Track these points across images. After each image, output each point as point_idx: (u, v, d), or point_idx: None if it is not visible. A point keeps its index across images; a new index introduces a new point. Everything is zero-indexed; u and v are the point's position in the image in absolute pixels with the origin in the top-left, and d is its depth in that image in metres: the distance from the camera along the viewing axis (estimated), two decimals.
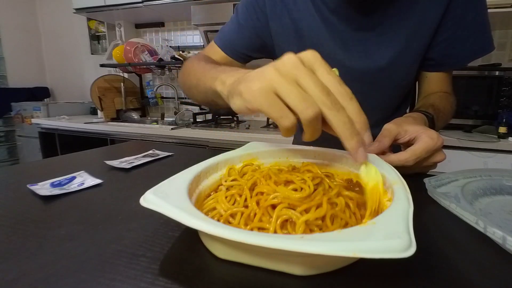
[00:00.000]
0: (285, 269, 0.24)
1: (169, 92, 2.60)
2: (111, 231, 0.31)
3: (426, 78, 0.73)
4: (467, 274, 0.25)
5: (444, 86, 0.72)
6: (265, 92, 0.30)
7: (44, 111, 2.42)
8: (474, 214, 0.33)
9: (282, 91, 0.29)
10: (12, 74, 2.88)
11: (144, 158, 0.62)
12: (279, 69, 0.30)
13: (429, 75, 0.73)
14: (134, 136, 1.91)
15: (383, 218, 0.24)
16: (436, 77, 0.72)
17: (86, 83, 2.76)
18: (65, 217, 0.35)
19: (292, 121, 0.30)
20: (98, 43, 2.83)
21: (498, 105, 1.47)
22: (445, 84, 0.72)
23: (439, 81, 0.72)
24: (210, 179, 0.36)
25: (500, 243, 0.29)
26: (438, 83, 0.72)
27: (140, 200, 0.25)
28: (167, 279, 0.23)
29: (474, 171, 0.46)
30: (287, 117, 0.30)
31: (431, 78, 0.72)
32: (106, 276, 0.24)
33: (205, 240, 0.28)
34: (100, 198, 0.41)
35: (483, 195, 0.41)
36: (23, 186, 0.44)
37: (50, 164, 0.61)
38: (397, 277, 0.24)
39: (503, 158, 1.31)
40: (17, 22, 2.91)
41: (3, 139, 2.85)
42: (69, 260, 0.26)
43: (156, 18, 2.46)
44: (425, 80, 0.74)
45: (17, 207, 0.37)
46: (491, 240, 0.30)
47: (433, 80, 0.72)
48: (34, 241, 0.29)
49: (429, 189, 0.42)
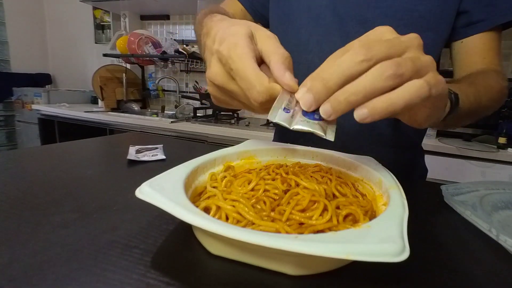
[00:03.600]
0: (277, 268, 0.24)
1: (170, 85, 2.59)
2: (106, 221, 0.31)
3: (459, 50, 0.56)
4: (475, 280, 0.25)
5: (486, 60, 0.53)
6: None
7: (45, 98, 2.41)
8: (488, 222, 0.33)
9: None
10: (15, 59, 2.87)
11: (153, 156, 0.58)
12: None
13: (462, 44, 0.55)
14: (133, 127, 1.90)
15: (378, 222, 0.24)
16: (472, 46, 0.54)
17: (88, 71, 2.75)
18: (61, 204, 0.35)
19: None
20: (102, 32, 2.82)
21: (499, 115, 1.47)
22: (489, 55, 0.53)
23: (478, 52, 0.53)
24: (207, 174, 0.36)
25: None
26: (476, 54, 0.53)
27: (136, 192, 0.25)
28: (158, 272, 0.23)
29: (498, 183, 0.45)
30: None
31: (466, 48, 0.55)
32: (98, 266, 0.24)
33: (199, 235, 0.28)
34: (96, 188, 0.41)
35: (505, 208, 0.39)
36: (20, 172, 0.44)
37: (47, 150, 0.61)
38: (390, 281, 0.24)
39: (502, 169, 1.31)
40: (22, 7, 2.89)
41: (3, 124, 2.84)
42: (62, 248, 0.26)
43: (161, 11, 2.45)
44: (458, 53, 0.56)
45: (13, 192, 0.37)
46: (504, 248, 0.30)
47: (470, 50, 0.54)
48: (28, 227, 0.29)
49: (446, 196, 0.42)
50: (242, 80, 0.29)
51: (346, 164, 0.42)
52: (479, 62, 0.54)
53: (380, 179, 0.35)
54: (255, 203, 0.29)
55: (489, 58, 0.53)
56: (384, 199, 0.31)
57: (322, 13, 0.58)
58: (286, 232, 0.25)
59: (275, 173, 0.36)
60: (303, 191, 0.30)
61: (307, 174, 0.35)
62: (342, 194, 0.32)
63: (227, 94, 0.33)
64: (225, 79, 0.31)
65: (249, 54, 0.29)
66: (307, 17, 0.60)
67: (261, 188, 0.31)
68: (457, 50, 0.57)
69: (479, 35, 0.54)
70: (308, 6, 0.60)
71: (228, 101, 0.34)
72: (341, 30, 0.57)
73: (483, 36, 0.54)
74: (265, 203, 0.28)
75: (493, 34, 0.54)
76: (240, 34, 0.30)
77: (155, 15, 2.57)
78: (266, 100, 0.28)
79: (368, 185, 0.37)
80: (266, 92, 0.28)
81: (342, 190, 0.33)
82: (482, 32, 0.53)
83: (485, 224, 0.33)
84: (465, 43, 0.55)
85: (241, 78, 0.29)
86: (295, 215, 0.27)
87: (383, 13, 0.54)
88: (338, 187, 0.33)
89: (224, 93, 0.33)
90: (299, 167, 0.39)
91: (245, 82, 0.28)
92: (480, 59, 0.54)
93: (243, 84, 0.29)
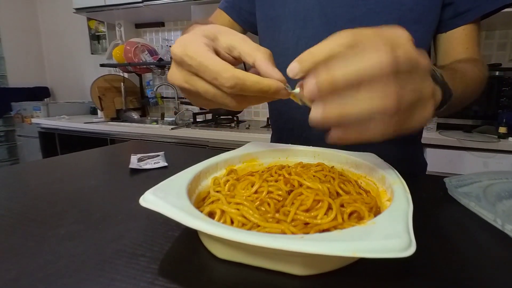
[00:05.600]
0: (284, 269, 0.24)
1: (169, 92, 2.60)
2: (111, 231, 0.31)
3: (443, 40, 0.57)
4: (484, 271, 0.25)
5: (469, 50, 0.54)
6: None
7: (44, 111, 2.42)
8: (492, 212, 0.33)
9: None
10: (12, 74, 2.88)
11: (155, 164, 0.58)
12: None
13: (446, 36, 0.56)
14: (134, 136, 1.90)
15: (383, 218, 0.24)
16: (456, 36, 0.55)
17: (86, 83, 2.76)
18: (65, 216, 0.35)
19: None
20: (98, 43, 2.83)
21: (498, 105, 1.47)
22: (470, 46, 0.54)
23: (461, 42, 0.54)
24: (209, 179, 0.36)
25: None
26: (460, 45, 0.55)
27: (140, 200, 0.25)
28: (166, 279, 0.23)
29: (500, 173, 0.45)
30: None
31: (450, 39, 0.56)
32: (106, 276, 0.24)
33: (205, 240, 0.28)
34: (100, 198, 0.41)
35: (509, 197, 0.39)
36: (23, 186, 0.44)
37: (49, 163, 0.61)
38: (398, 276, 0.24)
39: (503, 159, 1.31)
40: (17, 22, 2.91)
41: (3, 139, 2.85)
42: (69, 260, 0.26)
43: (156, 18, 2.46)
44: (442, 44, 0.57)
45: (17, 207, 0.37)
46: (510, 237, 0.30)
47: (454, 41, 0.55)
48: (34, 241, 0.29)
49: (449, 188, 0.42)
50: (206, 72, 0.29)
51: (348, 161, 0.42)
52: (463, 52, 0.55)
53: (383, 175, 0.35)
54: (259, 205, 0.29)
55: (471, 49, 0.54)
56: (388, 195, 0.31)
57: (309, 15, 0.58)
58: (291, 233, 0.25)
59: (278, 174, 0.36)
60: (307, 191, 0.30)
61: (309, 174, 0.35)
62: (346, 192, 0.32)
63: (196, 94, 0.32)
64: (187, 78, 0.31)
65: (204, 48, 0.30)
66: (294, 20, 0.60)
67: (265, 190, 0.31)
68: (441, 41, 0.57)
69: (463, 26, 0.54)
70: (294, 10, 0.60)
71: (202, 102, 0.35)
72: (330, 31, 0.57)
73: (466, 27, 0.54)
74: (269, 204, 0.28)
75: (475, 24, 0.55)
76: (194, 34, 0.31)
77: (149, 23, 2.58)
78: (235, 84, 0.28)
79: (371, 181, 0.37)
80: (232, 77, 0.28)
81: (346, 188, 0.33)
82: (471, 21, 0.54)
83: (490, 214, 0.33)
84: (449, 34, 0.56)
85: (204, 71, 0.29)
86: (299, 215, 0.27)
87: (371, 10, 0.54)
88: (341, 185, 0.33)
89: (191, 94, 0.33)
90: (302, 167, 0.39)
91: (209, 72, 0.29)
92: (463, 49, 0.55)
93: (207, 75, 0.29)
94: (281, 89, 0.30)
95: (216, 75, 0.28)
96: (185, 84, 0.32)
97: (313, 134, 0.61)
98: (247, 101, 0.33)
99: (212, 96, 0.31)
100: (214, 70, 0.28)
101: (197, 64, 0.29)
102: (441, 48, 0.58)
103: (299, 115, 0.63)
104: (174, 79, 0.32)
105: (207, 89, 0.30)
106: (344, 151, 0.44)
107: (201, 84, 0.30)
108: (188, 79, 0.31)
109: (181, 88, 0.33)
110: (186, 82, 0.31)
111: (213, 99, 0.31)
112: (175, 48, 0.31)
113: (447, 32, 0.56)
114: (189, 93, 0.33)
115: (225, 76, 0.28)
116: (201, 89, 0.31)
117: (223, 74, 0.28)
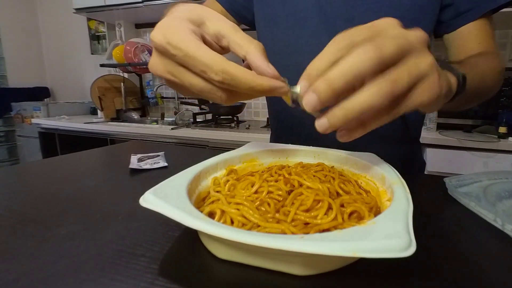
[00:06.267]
0: (285, 269, 0.24)
1: (169, 92, 2.60)
2: (111, 231, 0.31)
3: (453, 39, 0.56)
4: (484, 271, 0.25)
5: (482, 44, 0.53)
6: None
7: (44, 111, 2.42)
8: (492, 212, 0.33)
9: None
10: (12, 74, 2.88)
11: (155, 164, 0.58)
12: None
13: (456, 34, 0.55)
14: (134, 136, 1.90)
15: (383, 218, 0.24)
16: (466, 33, 0.54)
17: (86, 83, 2.76)
18: (65, 216, 0.35)
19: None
20: (98, 43, 2.83)
21: (498, 105, 1.47)
22: (483, 40, 0.53)
23: (473, 38, 0.53)
24: (209, 179, 0.36)
25: None
26: (471, 41, 0.53)
27: (140, 200, 0.25)
28: (166, 279, 0.23)
29: (500, 173, 0.45)
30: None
31: (461, 36, 0.55)
32: (106, 276, 0.24)
33: (205, 240, 0.28)
34: (100, 198, 0.41)
35: (509, 197, 0.39)
36: (23, 186, 0.44)
37: (49, 163, 0.61)
38: (398, 276, 0.24)
39: (504, 158, 1.31)
40: (17, 22, 2.91)
41: (3, 139, 2.84)
42: (69, 260, 0.26)
43: (156, 18, 2.45)
44: (453, 41, 0.56)
45: (17, 207, 0.37)
46: (510, 237, 0.30)
47: (465, 37, 0.54)
48: (34, 241, 0.29)
49: (450, 188, 0.42)
50: (193, 64, 0.27)
51: (348, 161, 0.42)
52: (475, 48, 0.54)
53: (383, 175, 0.35)
54: (259, 205, 0.29)
55: (485, 43, 0.54)
56: (388, 195, 0.31)
57: (309, 14, 0.58)
58: (291, 233, 0.25)
59: (278, 174, 0.36)
60: (307, 191, 0.30)
61: (309, 174, 0.35)
62: (346, 192, 0.32)
63: (181, 86, 0.30)
64: (170, 69, 0.29)
65: (191, 35, 0.27)
66: (293, 19, 0.60)
67: (265, 190, 0.31)
68: (452, 40, 0.57)
69: (472, 22, 0.54)
70: (293, 8, 0.60)
71: (189, 93, 0.32)
72: (329, 30, 0.58)
73: (476, 22, 0.54)
74: (269, 205, 0.28)
75: (484, 19, 0.54)
76: (178, 19, 0.28)
77: (149, 23, 2.58)
78: (226, 79, 0.26)
79: (371, 181, 0.37)
80: (223, 72, 0.26)
81: (346, 188, 0.33)
82: (473, 21, 0.54)
83: (490, 214, 0.33)
84: (458, 32, 0.56)
85: (191, 63, 0.27)
86: (300, 215, 0.27)
87: (369, 9, 0.54)
88: (341, 185, 0.33)
89: (176, 85, 0.31)
90: (302, 167, 0.39)
91: (197, 64, 0.26)
92: (476, 45, 0.54)
93: (195, 67, 0.27)
94: (275, 88, 0.28)
95: (204, 67, 0.26)
96: (168, 75, 0.29)
97: (313, 132, 0.62)
98: (238, 96, 0.30)
99: (199, 90, 0.29)
100: (202, 62, 0.26)
101: (183, 55, 0.27)
102: (453, 46, 0.58)
103: (298, 113, 0.63)
104: (156, 69, 0.30)
105: (194, 81, 0.28)
106: (344, 151, 0.44)
107: (187, 76, 0.28)
108: (171, 70, 0.29)
109: (165, 79, 0.31)
110: (170, 74, 0.29)
111: (200, 94, 0.29)
112: (156, 35, 0.28)
113: (457, 30, 0.56)
114: (174, 84, 0.31)
115: (215, 69, 0.26)
116: (187, 81, 0.28)
117: (213, 67, 0.26)
